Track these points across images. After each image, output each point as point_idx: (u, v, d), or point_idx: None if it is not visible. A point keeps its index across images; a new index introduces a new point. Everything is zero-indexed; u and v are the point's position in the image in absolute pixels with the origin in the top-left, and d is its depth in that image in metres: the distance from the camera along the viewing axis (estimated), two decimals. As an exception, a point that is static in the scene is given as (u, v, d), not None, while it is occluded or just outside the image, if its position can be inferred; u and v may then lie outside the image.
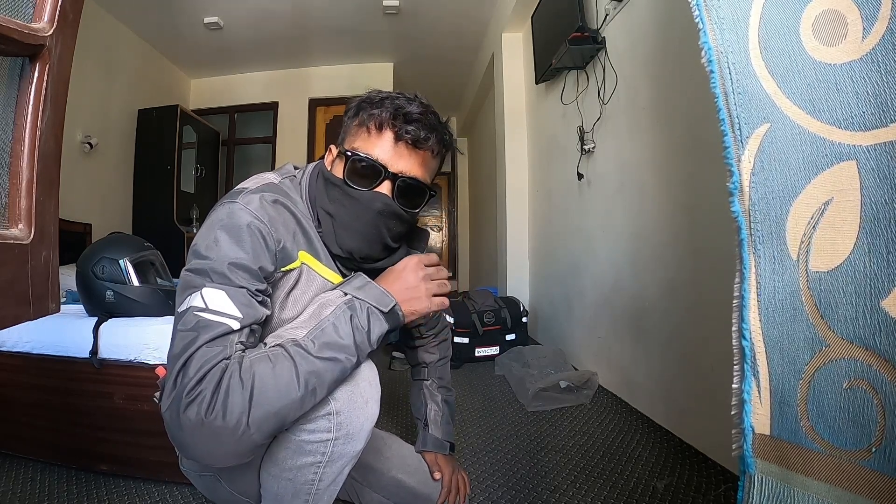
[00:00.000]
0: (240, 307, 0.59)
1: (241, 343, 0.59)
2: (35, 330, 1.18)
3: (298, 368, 0.57)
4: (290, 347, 0.59)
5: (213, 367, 0.55)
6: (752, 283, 0.53)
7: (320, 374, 0.59)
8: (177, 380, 0.55)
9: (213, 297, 0.59)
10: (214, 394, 0.53)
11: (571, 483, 1.17)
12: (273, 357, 0.58)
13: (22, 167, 0.54)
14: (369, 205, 0.70)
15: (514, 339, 2.51)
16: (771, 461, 0.53)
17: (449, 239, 6.44)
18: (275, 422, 0.57)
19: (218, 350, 0.56)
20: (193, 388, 0.54)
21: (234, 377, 0.55)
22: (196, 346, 0.56)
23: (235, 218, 0.63)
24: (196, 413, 0.53)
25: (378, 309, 0.66)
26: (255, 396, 0.54)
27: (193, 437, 0.54)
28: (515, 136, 3.24)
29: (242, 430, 0.54)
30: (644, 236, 1.65)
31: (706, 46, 0.55)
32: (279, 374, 0.56)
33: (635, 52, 1.69)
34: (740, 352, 0.54)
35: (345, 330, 0.62)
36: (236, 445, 0.55)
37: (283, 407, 0.56)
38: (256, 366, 0.56)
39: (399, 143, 0.70)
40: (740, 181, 0.53)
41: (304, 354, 0.59)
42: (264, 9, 3.36)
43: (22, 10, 0.54)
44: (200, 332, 0.57)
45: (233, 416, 0.53)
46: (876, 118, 0.44)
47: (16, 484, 1.13)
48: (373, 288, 0.68)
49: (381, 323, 0.66)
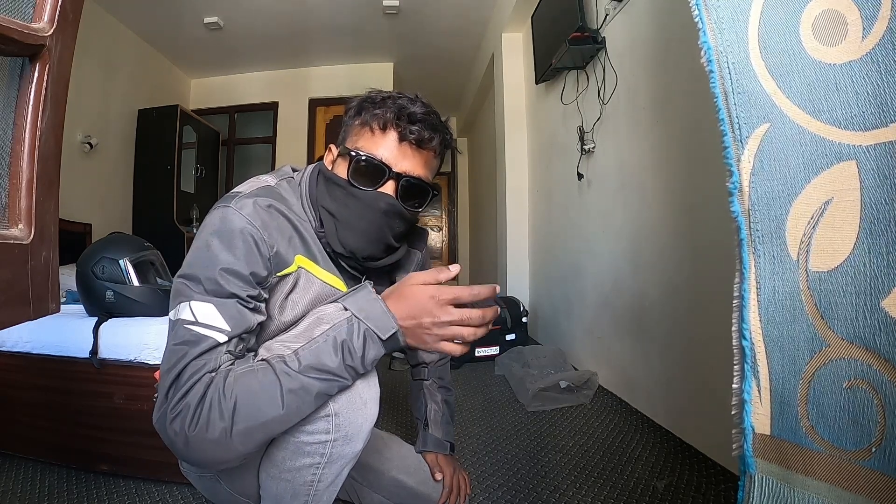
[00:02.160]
0: (228, 319, 0.59)
1: (229, 353, 0.59)
2: (35, 330, 1.18)
3: (283, 385, 0.57)
4: (276, 363, 0.58)
5: (198, 380, 0.56)
6: (751, 283, 0.53)
7: (306, 391, 0.58)
8: (167, 394, 0.56)
9: (201, 310, 0.59)
10: (198, 408, 0.54)
11: (571, 483, 1.17)
12: (260, 372, 0.58)
13: (22, 167, 0.54)
14: (374, 204, 0.70)
15: (514, 339, 2.51)
16: (771, 461, 0.53)
17: (449, 239, 6.44)
18: (259, 435, 0.57)
19: (203, 363, 0.57)
20: (178, 402, 0.55)
21: (217, 392, 0.55)
22: (185, 362, 0.57)
23: (228, 223, 0.63)
24: (180, 426, 0.54)
25: (376, 334, 0.61)
26: (238, 411, 0.55)
27: (182, 447, 0.55)
28: (515, 136, 3.24)
29: (226, 443, 0.55)
30: (644, 236, 1.65)
31: (705, 46, 0.55)
32: (263, 391, 0.56)
33: (635, 52, 1.69)
34: (740, 352, 0.54)
35: (335, 354, 0.59)
36: (223, 455, 0.56)
37: (266, 422, 0.56)
38: (241, 381, 0.57)
39: (403, 143, 0.70)
40: (740, 181, 0.53)
41: (290, 373, 0.58)
42: (264, 9, 3.36)
43: (22, 10, 0.54)
44: (189, 346, 0.57)
45: (215, 430, 0.54)
46: (876, 118, 0.44)
47: (16, 484, 1.13)
48: (376, 307, 0.62)
49: (377, 348, 0.61)
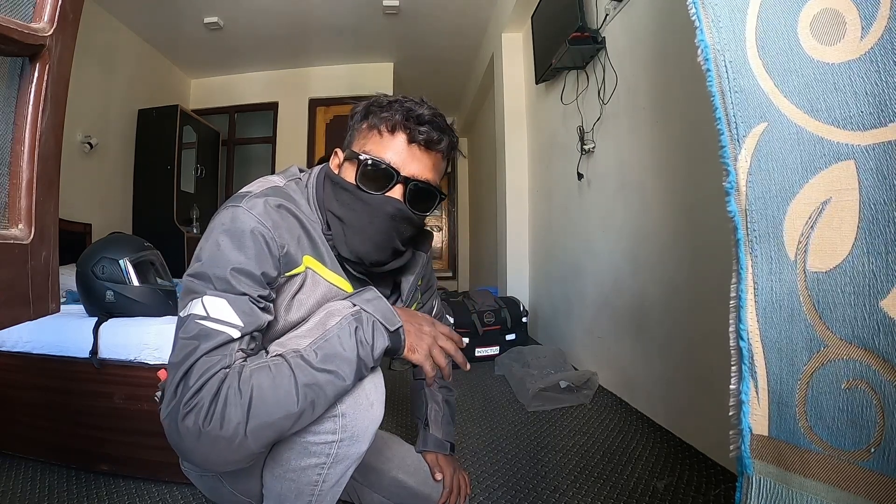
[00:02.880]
0: (241, 315, 0.59)
1: (241, 350, 0.59)
2: (35, 330, 1.18)
3: (298, 380, 0.57)
4: (292, 358, 0.59)
5: (212, 376, 0.55)
6: (749, 283, 0.53)
7: (321, 387, 0.59)
8: (177, 389, 0.55)
9: (214, 305, 0.59)
10: (212, 403, 0.54)
11: (571, 483, 1.17)
12: (273, 367, 0.58)
13: (22, 167, 0.54)
14: (381, 209, 0.70)
15: (514, 339, 2.51)
16: (769, 462, 0.52)
17: (449, 239, 6.44)
18: (272, 432, 0.57)
19: (217, 359, 0.56)
20: (192, 398, 0.54)
21: (232, 387, 0.55)
22: (197, 356, 0.56)
23: (238, 223, 0.63)
24: (194, 422, 0.53)
25: (383, 325, 0.65)
26: (253, 407, 0.55)
27: (191, 444, 0.55)
28: (515, 136, 3.23)
29: (240, 440, 0.54)
30: (644, 236, 1.65)
31: (703, 45, 0.55)
32: (278, 385, 0.56)
33: (635, 52, 1.68)
34: (738, 353, 0.54)
35: (349, 343, 0.62)
36: (234, 454, 0.55)
37: (280, 418, 0.56)
38: (256, 376, 0.56)
39: (412, 145, 0.70)
40: (737, 180, 0.53)
41: (304, 366, 0.58)
42: (264, 9, 3.36)
43: (22, 10, 0.54)
44: (201, 340, 0.57)
45: (230, 426, 0.53)
46: (874, 118, 0.44)
47: (16, 484, 1.13)
48: (381, 304, 0.67)
49: (383, 339, 0.65)
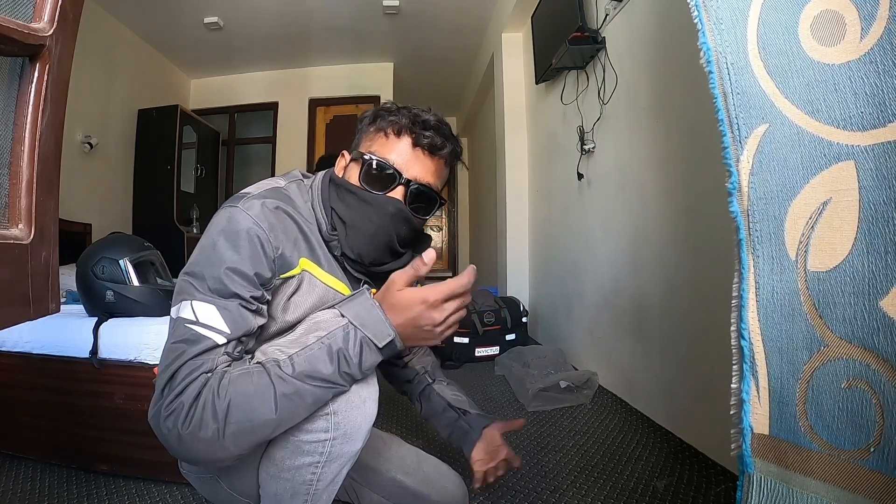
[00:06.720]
0: (229, 322, 0.60)
1: (227, 355, 0.60)
2: (35, 330, 1.18)
3: (277, 390, 0.57)
4: (272, 367, 0.58)
5: (194, 380, 0.56)
6: (750, 283, 0.53)
7: (301, 396, 0.58)
8: (163, 391, 0.56)
9: (202, 311, 0.59)
10: (191, 407, 0.55)
11: (571, 483, 1.17)
12: (255, 375, 0.58)
13: (22, 167, 0.54)
14: (382, 208, 0.71)
15: (514, 339, 2.52)
16: (770, 461, 0.53)
17: (449, 239, 6.44)
18: (252, 437, 0.57)
19: (200, 363, 0.57)
20: (173, 401, 0.55)
21: (212, 392, 0.55)
22: (183, 360, 0.57)
23: (234, 223, 0.64)
24: (173, 424, 0.55)
25: (373, 342, 0.61)
26: (231, 413, 0.55)
27: (175, 445, 0.56)
28: (515, 136, 3.24)
29: (219, 444, 0.55)
30: (644, 236, 1.65)
31: (704, 46, 0.55)
32: (257, 394, 0.57)
33: (635, 52, 1.69)
34: (739, 352, 0.54)
35: (331, 362, 0.60)
36: (214, 455, 0.56)
37: (258, 425, 0.57)
38: (236, 382, 0.57)
39: (416, 149, 0.71)
40: (739, 181, 0.53)
41: (283, 377, 0.58)
42: (264, 9, 3.36)
43: (22, 10, 0.54)
44: (188, 345, 0.58)
45: (207, 430, 0.54)
46: (874, 118, 0.44)
47: (16, 484, 1.13)
48: (373, 314, 0.62)
49: (374, 355, 0.62)
